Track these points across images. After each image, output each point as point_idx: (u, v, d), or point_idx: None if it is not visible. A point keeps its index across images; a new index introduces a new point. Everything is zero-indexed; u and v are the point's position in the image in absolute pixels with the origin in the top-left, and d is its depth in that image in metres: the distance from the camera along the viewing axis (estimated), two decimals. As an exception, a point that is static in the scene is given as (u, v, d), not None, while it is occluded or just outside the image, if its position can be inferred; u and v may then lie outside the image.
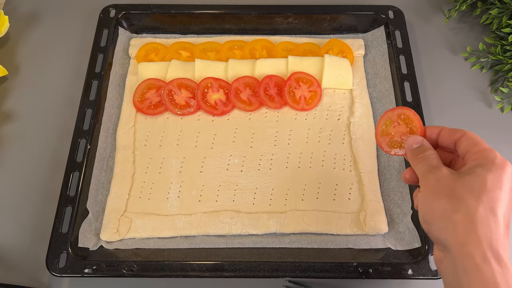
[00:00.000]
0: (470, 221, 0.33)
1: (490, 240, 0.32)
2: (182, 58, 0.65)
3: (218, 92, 0.61)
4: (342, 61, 0.63)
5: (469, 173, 0.34)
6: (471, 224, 0.32)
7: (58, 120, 0.62)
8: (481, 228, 0.32)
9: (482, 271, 0.31)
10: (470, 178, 0.34)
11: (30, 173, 0.58)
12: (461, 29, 0.71)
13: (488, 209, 0.33)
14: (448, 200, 0.34)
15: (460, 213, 0.33)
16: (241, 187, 0.56)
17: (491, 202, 0.33)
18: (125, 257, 0.50)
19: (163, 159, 0.58)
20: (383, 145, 0.45)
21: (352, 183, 0.56)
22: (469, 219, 0.33)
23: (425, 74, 0.66)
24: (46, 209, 0.55)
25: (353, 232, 0.53)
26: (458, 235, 0.33)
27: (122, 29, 0.66)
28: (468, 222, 0.33)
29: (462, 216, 0.33)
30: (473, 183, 0.34)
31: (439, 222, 0.34)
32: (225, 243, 0.52)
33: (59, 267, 0.48)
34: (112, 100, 0.61)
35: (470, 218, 0.33)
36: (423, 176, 0.38)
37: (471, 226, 0.32)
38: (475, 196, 0.33)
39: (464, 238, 0.32)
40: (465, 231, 0.33)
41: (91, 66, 0.61)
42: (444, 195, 0.34)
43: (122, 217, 0.54)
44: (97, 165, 0.56)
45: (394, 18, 0.66)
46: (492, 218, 0.33)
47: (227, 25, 0.68)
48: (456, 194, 0.34)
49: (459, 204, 0.33)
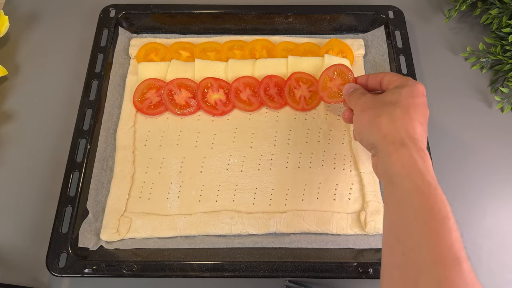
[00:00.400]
0: (390, 119, 0.41)
1: (407, 129, 0.40)
2: (182, 58, 0.65)
3: (218, 92, 0.61)
4: (342, 61, 0.63)
5: (388, 92, 0.45)
6: (391, 120, 0.41)
7: (58, 120, 0.62)
8: (399, 122, 0.41)
9: (401, 151, 0.39)
10: (389, 93, 0.44)
11: (30, 173, 0.58)
12: (461, 29, 0.71)
13: (404, 111, 0.41)
14: (373, 110, 0.44)
15: (382, 116, 0.42)
16: (241, 187, 0.56)
17: (406, 107, 0.42)
18: (125, 257, 0.50)
19: (163, 159, 0.58)
20: (325, 98, 0.57)
21: (352, 183, 0.56)
22: (389, 118, 0.41)
23: (425, 74, 0.67)
24: (46, 209, 0.55)
25: (353, 232, 0.53)
26: (382, 131, 0.41)
27: (122, 29, 0.66)
28: (389, 120, 0.41)
29: (384, 118, 0.42)
30: (391, 96, 0.44)
31: (367, 128, 0.44)
32: (225, 243, 0.52)
33: (59, 267, 0.48)
34: (112, 100, 0.61)
35: (390, 118, 0.41)
36: (355, 104, 0.47)
37: (391, 122, 0.41)
38: (393, 103, 0.43)
39: (386, 131, 0.41)
40: (387, 126, 0.41)
41: (91, 66, 0.61)
42: (369, 108, 0.44)
43: (122, 217, 0.54)
44: (97, 165, 0.56)
45: (394, 18, 0.66)
46: (407, 117, 0.41)
47: (227, 25, 0.68)
48: (378, 105, 0.44)
49: (381, 111, 0.43)
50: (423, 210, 0.35)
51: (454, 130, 0.62)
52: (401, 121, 0.41)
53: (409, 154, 0.38)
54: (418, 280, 0.33)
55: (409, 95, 0.43)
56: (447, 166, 0.59)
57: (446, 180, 0.58)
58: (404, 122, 0.41)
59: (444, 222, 0.34)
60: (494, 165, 0.60)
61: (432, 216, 0.35)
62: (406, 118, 0.41)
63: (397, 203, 0.38)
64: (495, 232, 0.55)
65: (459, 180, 0.59)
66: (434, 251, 0.33)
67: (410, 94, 0.43)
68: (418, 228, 0.35)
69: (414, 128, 0.40)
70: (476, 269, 0.53)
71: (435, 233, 0.34)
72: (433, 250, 0.33)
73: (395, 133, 0.40)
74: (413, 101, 0.42)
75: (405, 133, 0.40)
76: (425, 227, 0.34)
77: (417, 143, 0.39)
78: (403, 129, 0.40)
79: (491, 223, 0.56)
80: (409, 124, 0.41)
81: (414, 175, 0.37)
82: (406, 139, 0.40)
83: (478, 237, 0.55)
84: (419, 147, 0.39)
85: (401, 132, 0.40)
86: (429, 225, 0.34)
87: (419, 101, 0.43)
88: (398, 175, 0.38)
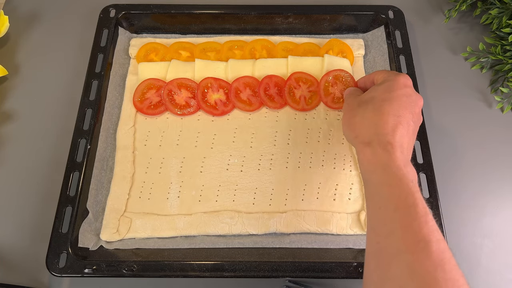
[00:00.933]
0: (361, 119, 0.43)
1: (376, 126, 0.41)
2: (182, 58, 0.65)
3: (218, 92, 0.62)
4: (342, 61, 0.63)
5: (368, 90, 0.46)
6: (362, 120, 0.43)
7: (58, 120, 0.62)
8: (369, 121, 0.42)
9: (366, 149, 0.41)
10: (368, 92, 0.46)
11: (30, 173, 0.58)
12: (461, 29, 0.71)
13: (376, 107, 0.43)
14: (351, 112, 0.46)
15: (356, 117, 0.44)
16: (241, 187, 0.56)
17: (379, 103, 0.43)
18: (125, 257, 0.50)
19: (163, 159, 0.58)
20: (329, 103, 0.60)
21: (352, 183, 0.57)
22: (361, 118, 0.44)
23: (425, 74, 0.67)
24: (46, 209, 0.55)
25: (353, 232, 0.54)
26: (355, 131, 0.44)
27: (122, 29, 0.67)
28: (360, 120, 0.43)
29: (357, 118, 0.44)
30: (368, 95, 0.45)
31: (346, 130, 0.46)
32: (225, 243, 0.52)
33: (59, 267, 0.48)
34: (112, 100, 0.61)
35: (361, 117, 0.44)
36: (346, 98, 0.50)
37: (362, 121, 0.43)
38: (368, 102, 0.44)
39: (357, 131, 0.43)
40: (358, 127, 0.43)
41: (91, 66, 0.61)
42: (349, 110, 0.46)
43: (122, 217, 0.54)
44: (97, 165, 0.56)
45: (394, 18, 0.66)
46: (378, 113, 0.42)
47: (227, 25, 0.68)
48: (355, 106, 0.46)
49: (356, 111, 0.45)
50: (391, 201, 0.37)
51: (454, 130, 0.62)
52: (371, 119, 0.42)
53: (373, 150, 0.40)
54: (390, 266, 0.35)
55: (386, 90, 0.44)
56: (446, 166, 0.59)
57: (445, 179, 0.58)
58: (374, 119, 0.42)
59: (411, 210, 0.36)
60: (493, 164, 0.60)
61: (399, 204, 0.37)
62: (377, 114, 0.42)
63: (370, 198, 0.40)
64: (495, 232, 0.56)
65: (459, 179, 0.59)
66: (403, 237, 0.35)
67: (387, 88, 0.44)
68: (388, 217, 0.37)
69: (384, 122, 0.41)
70: (475, 269, 0.54)
71: (403, 220, 0.36)
72: (402, 236, 0.35)
73: (364, 132, 0.42)
74: (389, 96, 0.43)
75: (374, 131, 0.41)
76: (394, 216, 0.37)
77: (384, 137, 0.40)
78: (373, 127, 0.42)
79: (490, 222, 0.56)
80: (379, 120, 0.42)
81: (379, 170, 0.39)
82: (373, 136, 0.41)
83: (477, 236, 0.55)
84: (385, 141, 0.40)
85: (370, 130, 0.42)
86: (397, 213, 0.36)
87: (398, 94, 0.43)
88: (366, 172, 0.41)
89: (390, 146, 0.40)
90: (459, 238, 0.55)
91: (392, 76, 0.46)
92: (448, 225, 0.52)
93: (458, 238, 0.55)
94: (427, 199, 0.52)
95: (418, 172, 0.53)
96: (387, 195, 0.38)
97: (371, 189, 0.41)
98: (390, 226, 0.36)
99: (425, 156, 0.55)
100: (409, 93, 0.44)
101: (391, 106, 0.42)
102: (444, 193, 0.57)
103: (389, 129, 0.41)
